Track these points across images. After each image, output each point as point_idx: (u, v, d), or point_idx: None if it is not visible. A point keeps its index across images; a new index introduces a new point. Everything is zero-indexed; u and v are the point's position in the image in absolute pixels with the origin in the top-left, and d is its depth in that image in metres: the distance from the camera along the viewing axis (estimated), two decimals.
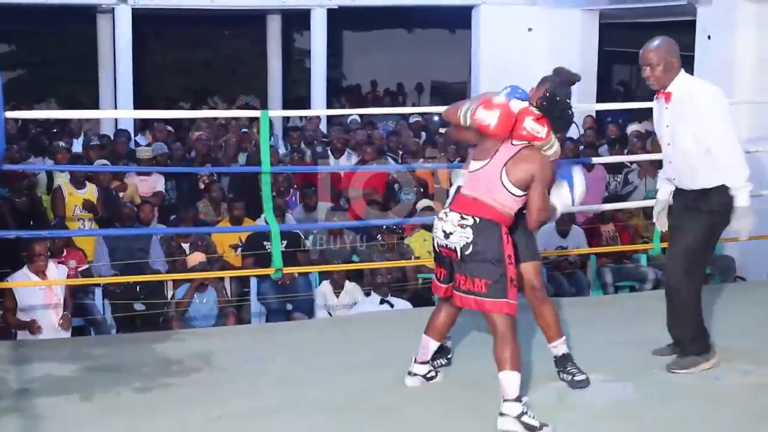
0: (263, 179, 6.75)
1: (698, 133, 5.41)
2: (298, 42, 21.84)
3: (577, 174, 5.45)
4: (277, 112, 13.60)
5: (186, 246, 10.08)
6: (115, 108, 15.94)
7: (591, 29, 16.06)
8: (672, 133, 5.56)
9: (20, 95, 18.01)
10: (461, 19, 17.52)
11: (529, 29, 16.44)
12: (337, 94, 21.55)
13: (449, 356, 5.83)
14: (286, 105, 18.77)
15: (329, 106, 17.60)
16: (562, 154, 5.23)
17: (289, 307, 9.92)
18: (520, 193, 4.96)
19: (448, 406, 5.17)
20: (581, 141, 13.76)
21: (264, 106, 18.22)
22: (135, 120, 15.70)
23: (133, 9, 15.55)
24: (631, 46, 20.47)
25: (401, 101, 23.33)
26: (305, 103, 17.18)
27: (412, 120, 15.24)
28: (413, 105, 22.54)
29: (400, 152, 13.28)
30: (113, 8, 15.62)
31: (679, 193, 5.70)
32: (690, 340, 5.65)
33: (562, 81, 5.19)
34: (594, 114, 15.35)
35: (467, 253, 4.89)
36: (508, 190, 4.95)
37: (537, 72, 17.33)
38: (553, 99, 5.06)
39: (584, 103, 15.34)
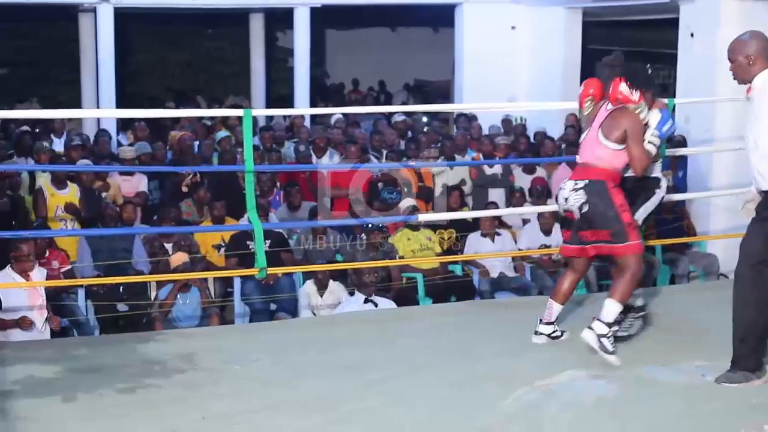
0: (246, 178, 6.69)
1: (757, 130, 5.35)
2: (281, 41, 21.79)
3: (655, 113, 6.07)
4: (260, 111, 13.56)
5: (169, 246, 10.05)
6: (98, 108, 15.85)
7: (574, 27, 16.07)
8: (746, 127, 5.52)
9: (1, 95, 17.91)
10: (444, 17, 17.53)
11: (513, 27, 16.46)
12: (320, 92, 21.53)
13: (644, 312, 6.37)
14: (270, 104, 18.71)
15: (313, 104, 17.56)
16: None
17: (273, 307, 9.89)
18: (617, 146, 5.86)
19: (433, 406, 5.16)
20: (563, 139, 13.76)
21: (250, 106, 18.15)
22: (117, 120, 15.63)
23: (115, 8, 15.48)
24: (614, 44, 20.52)
25: (384, 100, 23.29)
26: (289, 102, 17.13)
27: (399, 119, 15.24)
28: (403, 104, 22.48)
29: (384, 151, 13.25)
30: (95, 7, 15.55)
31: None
32: (744, 356, 5.48)
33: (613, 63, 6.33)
34: (577, 112, 15.33)
35: (584, 211, 5.85)
36: (605, 145, 5.87)
37: (520, 70, 17.42)
38: (631, 67, 6.16)
39: (567, 101, 15.39)
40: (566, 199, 5.93)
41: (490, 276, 10.77)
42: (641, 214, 6.32)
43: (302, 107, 16.11)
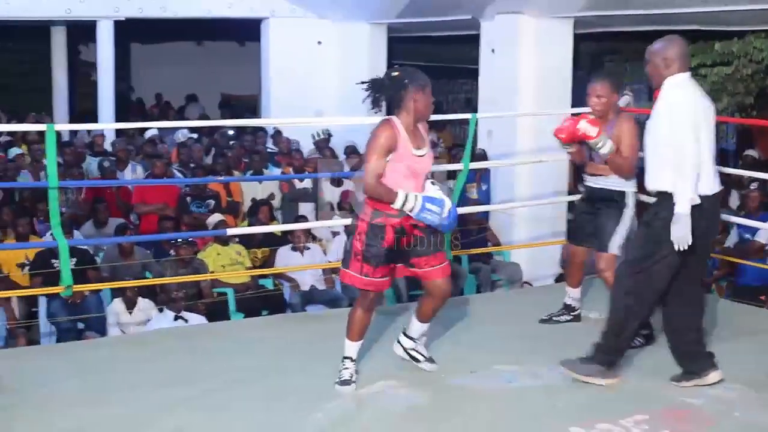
0: (50, 194, 6.55)
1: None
2: (84, 54, 21.34)
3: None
4: (63, 126, 13.15)
5: None
6: None
7: (379, 42, 16.30)
8: None
9: None
10: (251, 31, 17.50)
11: (319, 42, 16.56)
12: (125, 107, 21.16)
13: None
14: (74, 119, 18.29)
15: (119, 119, 17.26)
16: None
17: (81, 326, 9.68)
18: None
19: (247, 422, 5.15)
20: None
21: (53, 121, 17.66)
22: None
23: None
24: (419, 59, 20.90)
25: (188, 114, 23.01)
26: (93, 117, 16.77)
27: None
28: (201, 118, 22.21)
29: (191, 165, 13.13)
30: None
31: None
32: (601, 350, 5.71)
33: None
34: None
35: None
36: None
37: (326, 85, 17.52)
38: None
39: (373, 115, 15.55)
40: None
41: (301, 289, 10.82)
42: None
43: (107, 122, 15.84)
